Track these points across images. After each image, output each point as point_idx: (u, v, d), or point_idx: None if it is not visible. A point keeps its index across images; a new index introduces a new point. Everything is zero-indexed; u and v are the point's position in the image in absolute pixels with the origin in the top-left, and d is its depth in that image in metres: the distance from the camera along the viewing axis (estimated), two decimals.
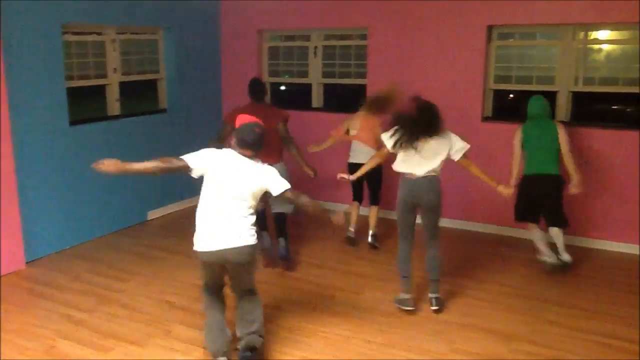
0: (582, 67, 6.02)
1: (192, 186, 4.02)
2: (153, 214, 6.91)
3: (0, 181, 5.13)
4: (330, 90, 7.50)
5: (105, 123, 6.39)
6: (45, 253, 5.74)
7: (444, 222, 6.46)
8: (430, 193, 4.42)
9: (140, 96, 8.38)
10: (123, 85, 6.63)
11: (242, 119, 3.71)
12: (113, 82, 6.51)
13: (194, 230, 3.59)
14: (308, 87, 7.48)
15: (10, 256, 5.32)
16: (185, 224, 6.32)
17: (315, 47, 7.31)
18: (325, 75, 7.36)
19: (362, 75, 7.03)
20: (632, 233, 5.85)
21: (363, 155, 5.68)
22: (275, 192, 3.59)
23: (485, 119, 6.44)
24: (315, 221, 6.48)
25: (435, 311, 4.55)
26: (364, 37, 6.96)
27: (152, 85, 7.15)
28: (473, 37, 6.25)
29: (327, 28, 7.18)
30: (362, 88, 6.98)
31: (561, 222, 5.31)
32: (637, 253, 5.81)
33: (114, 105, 6.57)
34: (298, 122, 7.33)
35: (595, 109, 8.12)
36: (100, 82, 6.42)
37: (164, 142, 6.86)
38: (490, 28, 6.24)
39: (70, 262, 5.62)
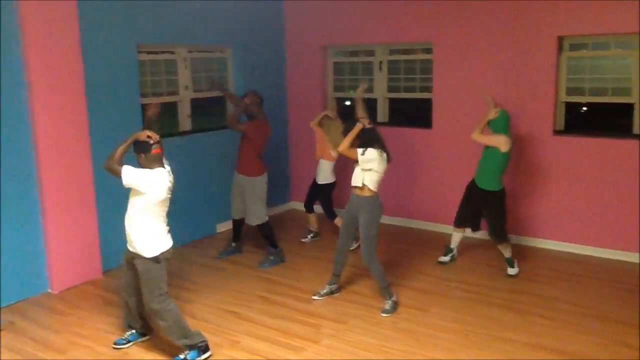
0: None
1: None
2: (222, 227, 7.08)
3: (81, 195, 5.44)
4: (392, 105, 7.48)
5: (178, 138, 6.62)
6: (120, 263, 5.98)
7: (527, 241, 6.28)
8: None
9: (209, 113, 8.63)
10: (193, 102, 6.87)
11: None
12: (184, 98, 6.76)
13: (258, 245, 3.65)
14: (373, 102, 7.48)
15: (88, 265, 5.60)
16: (251, 237, 6.47)
17: (380, 62, 7.33)
18: (391, 89, 7.36)
19: (428, 90, 6.99)
20: None
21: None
22: None
23: (557, 132, 6.23)
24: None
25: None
26: (428, 50, 6.92)
27: (221, 101, 7.36)
28: (543, 49, 6.08)
29: (391, 43, 7.19)
30: (427, 102, 6.95)
31: None
32: None
33: (185, 121, 6.82)
34: None
35: None
36: (173, 99, 6.69)
37: (233, 157, 7.03)
38: (561, 39, 6.06)
39: None
